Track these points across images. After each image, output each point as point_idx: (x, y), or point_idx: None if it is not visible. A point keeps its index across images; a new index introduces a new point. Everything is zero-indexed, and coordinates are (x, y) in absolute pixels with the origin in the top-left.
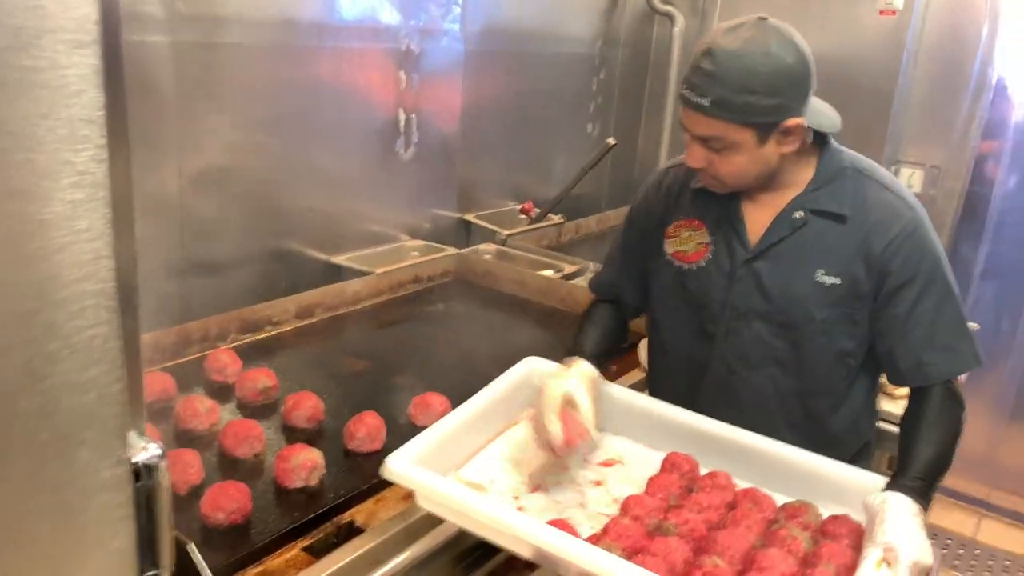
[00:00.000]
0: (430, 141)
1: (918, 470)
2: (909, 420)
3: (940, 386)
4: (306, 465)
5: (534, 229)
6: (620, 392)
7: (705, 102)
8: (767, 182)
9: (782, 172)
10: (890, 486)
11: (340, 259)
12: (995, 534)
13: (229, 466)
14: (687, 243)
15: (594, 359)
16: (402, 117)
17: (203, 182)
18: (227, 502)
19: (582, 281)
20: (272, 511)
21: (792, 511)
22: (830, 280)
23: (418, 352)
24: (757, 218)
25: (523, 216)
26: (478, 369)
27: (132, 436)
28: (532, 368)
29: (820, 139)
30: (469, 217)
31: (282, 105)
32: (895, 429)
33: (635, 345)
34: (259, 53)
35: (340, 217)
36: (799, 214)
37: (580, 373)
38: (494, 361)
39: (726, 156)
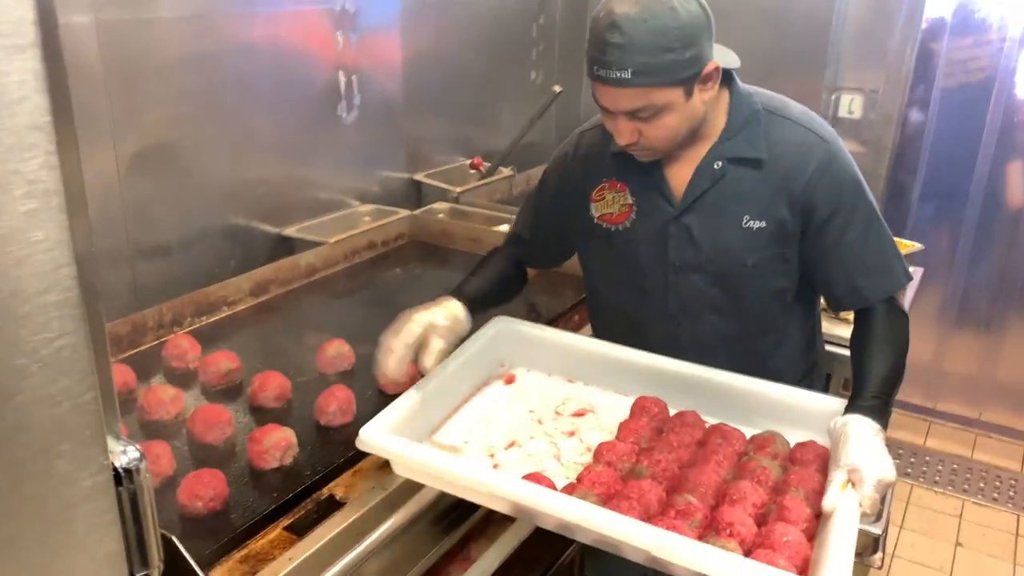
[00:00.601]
0: (372, 102)
1: (874, 389)
2: (857, 341)
3: (882, 303)
4: (280, 445)
5: (486, 184)
6: (586, 342)
7: (626, 75)
8: (692, 137)
9: (702, 122)
10: (849, 408)
11: (291, 231)
12: (942, 439)
13: (201, 453)
14: (612, 205)
15: (469, 303)
16: (342, 79)
17: (141, 163)
18: (204, 490)
19: None
20: (250, 494)
21: (761, 442)
22: (756, 225)
23: (380, 320)
24: (678, 173)
25: (473, 171)
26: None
27: (110, 441)
28: (501, 329)
29: (727, 84)
30: (419, 177)
31: (217, 77)
32: (847, 352)
33: None
34: (188, 24)
35: (287, 187)
36: (718, 164)
37: (446, 314)
38: None
39: (657, 122)
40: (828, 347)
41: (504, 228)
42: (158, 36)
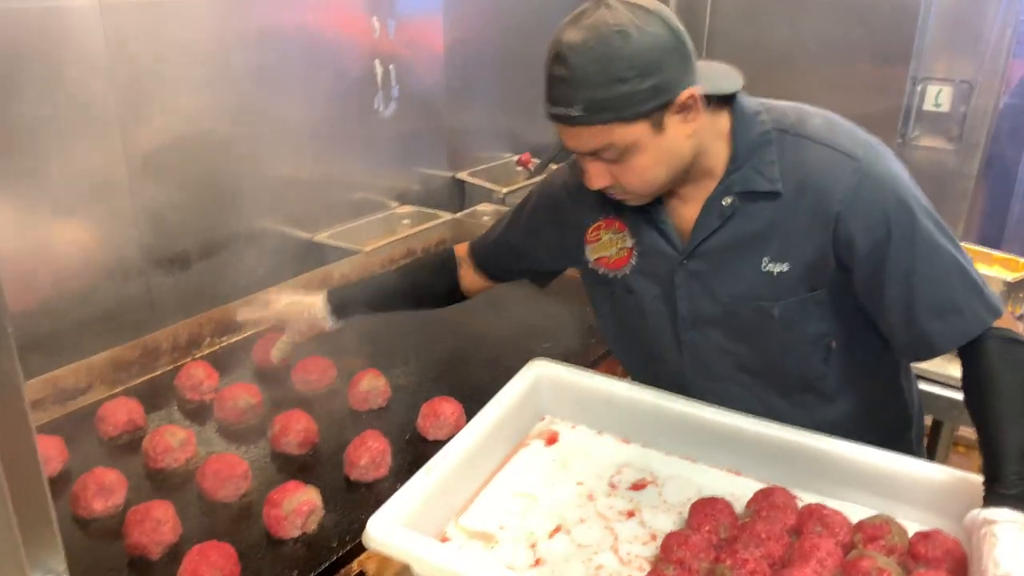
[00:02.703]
0: (412, 93)
1: (1014, 464)
2: (973, 391)
3: (992, 339)
4: (301, 510)
5: (534, 183)
6: (642, 393)
7: (574, 112)
8: (686, 175)
9: (699, 157)
10: (989, 496)
11: (323, 236)
12: None
13: (212, 513)
14: (608, 248)
15: (343, 310)
16: (379, 69)
17: (153, 163)
18: (209, 571)
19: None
20: (266, 570)
21: (872, 531)
22: (778, 268)
23: (419, 343)
24: (684, 212)
25: (521, 169)
26: (489, 357)
27: None
28: (540, 374)
29: (727, 105)
30: (462, 175)
31: (239, 66)
32: (957, 396)
33: None
34: (205, 8)
35: (318, 188)
36: (726, 200)
37: (308, 319)
38: (506, 346)
39: (626, 163)
40: (933, 388)
41: None
42: (171, 21)
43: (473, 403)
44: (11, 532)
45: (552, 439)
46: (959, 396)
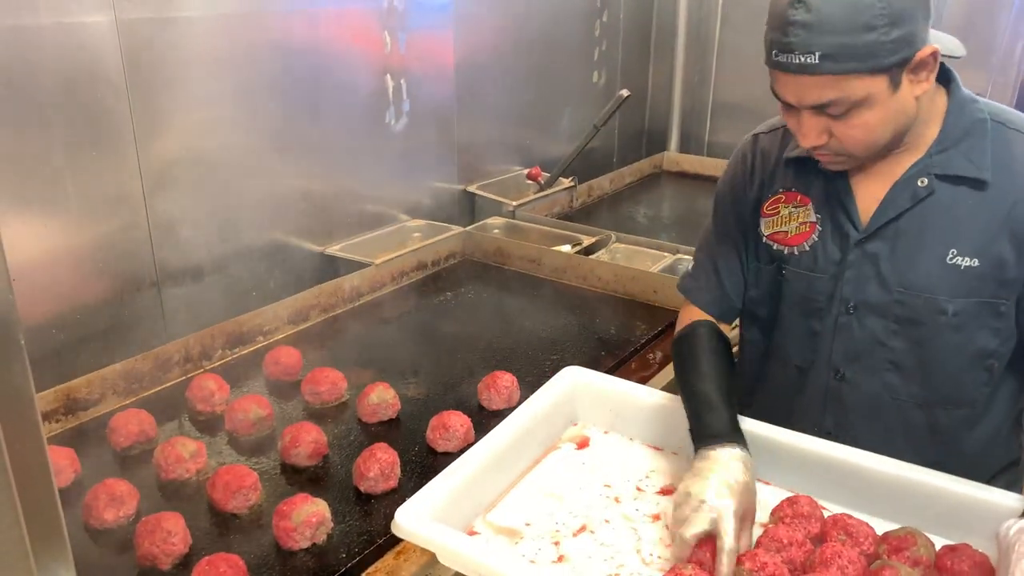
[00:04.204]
0: (423, 107)
1: None
2: None
3: None
4: (310, 521)
5: (544, 196)
6: (676, 402)
7: (813, 59)
8: (898, 143)
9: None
10: None
11: (334, 249)
12: None
13: (220, 524)
14: (788, 222)
15: (738, 431)
16: (390, 83)
17: (168, 176)
18: None
19: (604, 255)
20: None
21: (897, 543)
22: (966, 262)
23: (428, 355)
24: (870, 188)
25: (531, 182)
26: (498, 370)
27: None
28: (574, 381)
29: (945, 85)
30: (472, 188)
31: (252, 81)
32: None
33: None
34: (219, 23)
35: (329, 201)
36: (923, 181)
37: (730, 482)
38: (515, 358)
39: (852, 119)
40: None
41: (565, 248)
42: (185, 36)
43: (482, 415)
44: (22, 542)
45: (584, 443)
46: None
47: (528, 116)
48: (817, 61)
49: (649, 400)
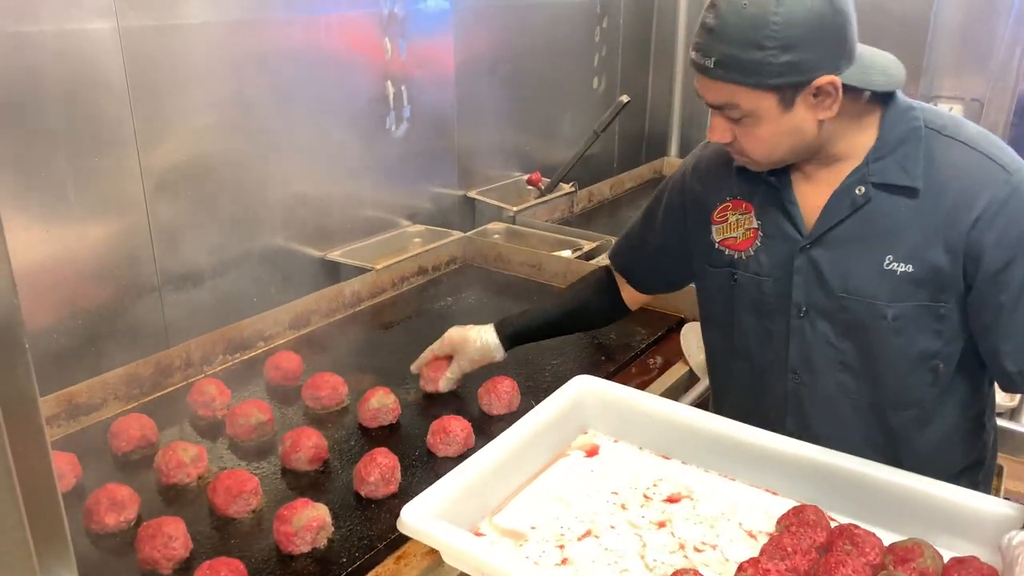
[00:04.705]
0: (423, 113)
1: None
2: None
3: None
4: (311, 526)
5: (545, 202)
6: (686, 412)
7: (709, 63)
8: (817, 154)
9: (834, 140)
10: None
11: (335, 254)
12: None
13: (223, 529)
14: (735, 229)
15: (514, 340)
16: (391, 89)
17: (169, 182)
18: None
19: (604, 260)
20: None
21: (904, 553)
22: (901, 268)
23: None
24: (812, 197)
25: (531, 188)
26: (498, 375)
27: None
28: (584, 389)
29: (882, 97)
30: (473, 194)
31: (253, 87)
32: (1006, 425)
33: (674, 331)
34: (220, 30)
35: (330, 206)
36: (860, 189)
37: (481, 349)
38: (515, 362)
39: (747, 127)
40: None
41: (566, 253)
42: (187, 43)
43: (482, 420)
44: (25, 546)
45: (593, 451)
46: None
47: (528, 122)
48: (711, 66)
49: (659, 409)
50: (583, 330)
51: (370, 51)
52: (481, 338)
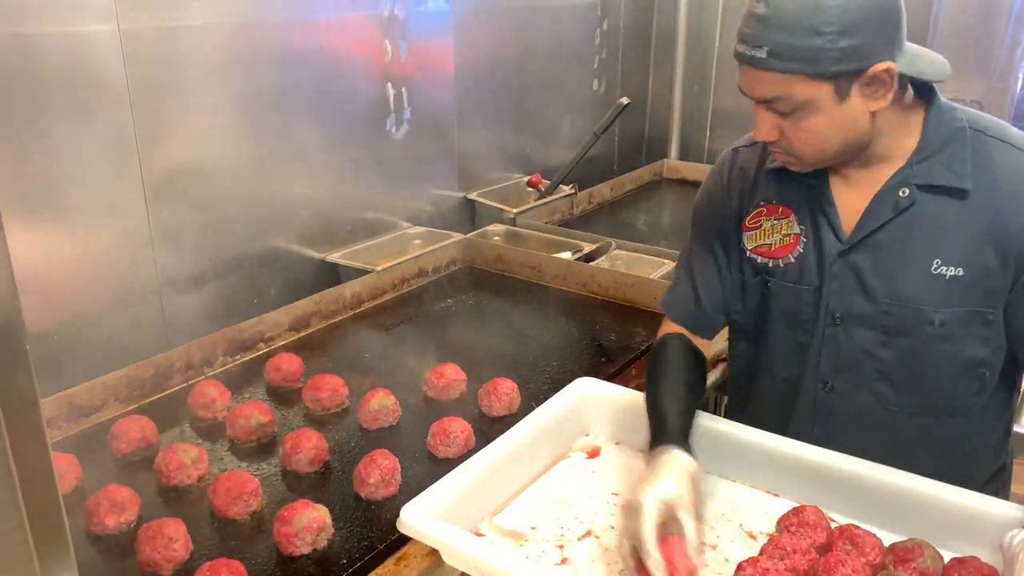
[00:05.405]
0: (423, 115)
1: None
2: None
3: None
4: (311, 527)
5: (545, 204)
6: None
7: (761, 53)
8: (859, 154)
9: (878, 140)
10: None
11: (335, 256)
12: None
13: (223, 530)
14: (771, 235)
15: (685, 437)
16: (391, 91)
17: (170, 184)
18: None
19: (604, 262)
20: None
21: (904, 554)
22: (951, 272)
23: (428, 362)
24: (851, 200)
25: (531, 190)
26: (499, 377)
27: None
28: (586, 392)
29: (924, 95)
30: (473, 196)
31: (253, 89)
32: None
33: None
34: (220, 33)
35: (330, 208)
36: (904, 191)
37: (679, 475)
38: (515, 364)
39: (799, 121)
40: None
41: (566, 255)
42: (187, 45)
43: (483, 422)
44: (26, 547)
45: (594, 453)
46: None
47: (528, 124)
48: (764, 56)
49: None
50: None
51: (370, 53)
52: (690, 466)
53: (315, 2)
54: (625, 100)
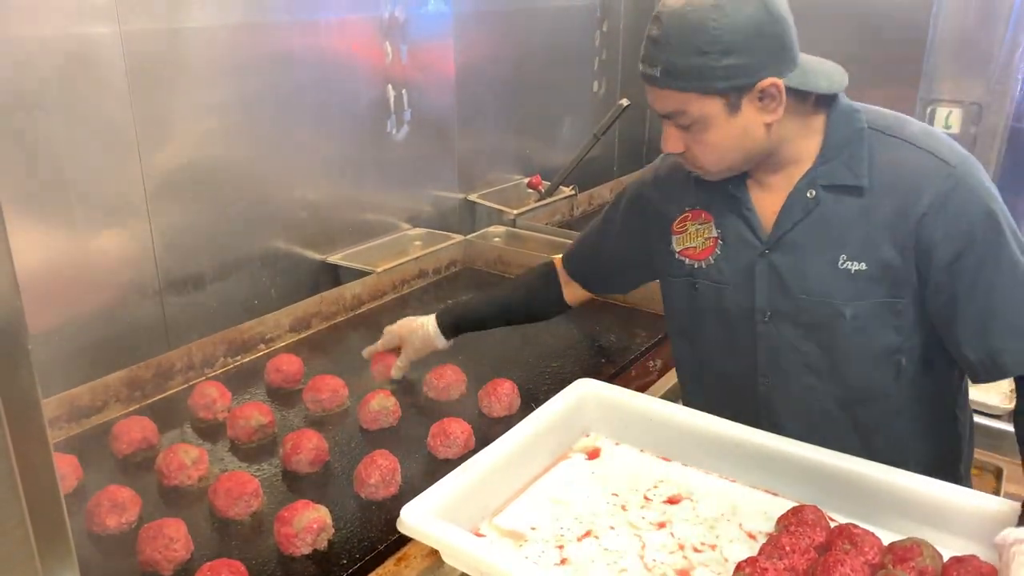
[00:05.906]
0: (424, 117)
1: None
2: (1022, 422)
3: None
4: (311, 528)
5: (545, 205)
6: (687, 415)
7: (656, 72)
8: (768, 160)
9: (783, 146)
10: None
11: (336, 258)
12: None
13: (224, 530)
14: (695, 238)
15: (454, 329)
16: (391, 93)
17: (171, 185)
18: None
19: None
20: None
21: (903, 552)
22: (855, 266)
23: (428, 363)
24: (769, 202)
25: (531, 191)
26: (499, 377)
27: None
28: (585, 392)
29: (826, 101)
30: (473, 197)
31: (254, 91)
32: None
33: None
34: (221, 35)
35: (331, 210)
36: (811, 192)
37: (423, 338)
38: (516, 365)
39: (698, 134)
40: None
41: None
42: (188, 47)
43: (482, 423)
44: (28, 547)
45: (594, 454)
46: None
47: (529, 125)
48: (659, 75)
49: (660, 412)
50: (522, 323)
51: (371, 55)
52: (423, 328)
53: (315, 4)
54: (625, 102)
